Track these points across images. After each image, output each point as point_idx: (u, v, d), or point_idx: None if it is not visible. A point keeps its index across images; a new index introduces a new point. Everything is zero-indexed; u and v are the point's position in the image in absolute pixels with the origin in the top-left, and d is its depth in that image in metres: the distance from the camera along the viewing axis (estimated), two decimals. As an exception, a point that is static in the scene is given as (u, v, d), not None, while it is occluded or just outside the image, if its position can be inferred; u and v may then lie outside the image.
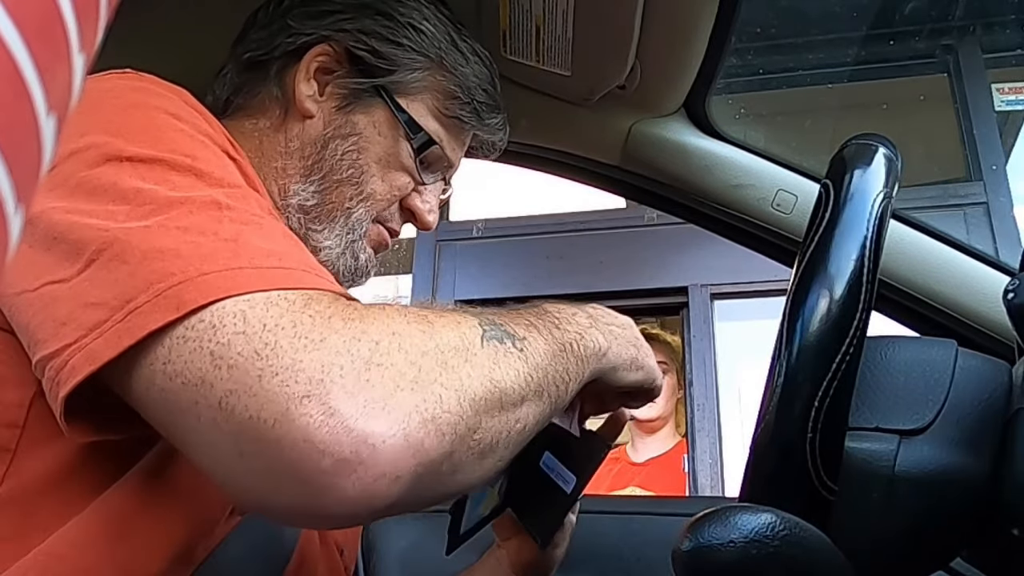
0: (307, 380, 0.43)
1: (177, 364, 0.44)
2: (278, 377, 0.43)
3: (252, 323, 0.45)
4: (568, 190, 2.97)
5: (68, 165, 0.52)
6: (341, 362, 0.44)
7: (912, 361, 0.55)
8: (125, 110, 0.56)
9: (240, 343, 0.44)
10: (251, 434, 0.43)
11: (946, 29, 3.51)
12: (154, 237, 0.47)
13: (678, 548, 0.47)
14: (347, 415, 0.43)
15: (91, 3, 0.19)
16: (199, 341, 0.44)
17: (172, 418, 0.46)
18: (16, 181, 0.17)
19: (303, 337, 0.44)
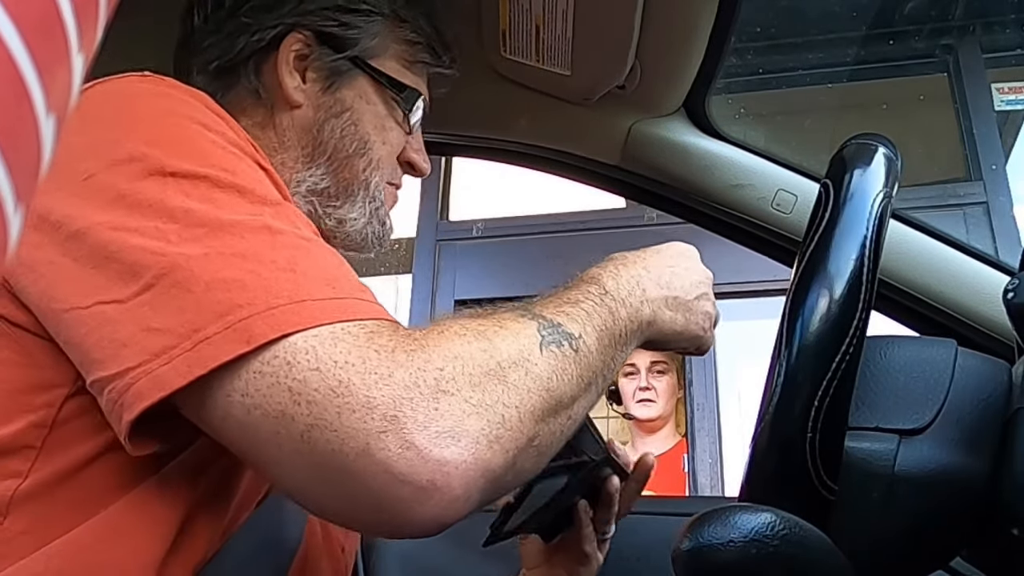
0: (382, 416, 0.46)
1: (255, 397, 0.47)
2: (356, 414, 0.46)
3: (324, 360, 0.47)
4: (568, 190, 2.97)
5: (108, 176, 0.53)
6: (411, 395, 0.47)
7: (912, 361, 0.55)
8: (160, 119, 0.57)
9: (316, 380, 0.47)
10: (334, 465, 0.46)
11: (946, 29, 3.51)
12: (215, 265, 0.49)
13: (678, 548, 0.47)
14: (422, 447, 0.46)
15: (90, 3, 0.19)
16: (276, 376, 0.47)
17: (252, 446, 0.49)
18: (16, 181, 0.17)
19: (372, 373, 0.47)
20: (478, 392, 0.49)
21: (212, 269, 0.49)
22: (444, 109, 1.10)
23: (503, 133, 1.13)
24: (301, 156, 0.77)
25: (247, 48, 0.76)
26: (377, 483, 0.46)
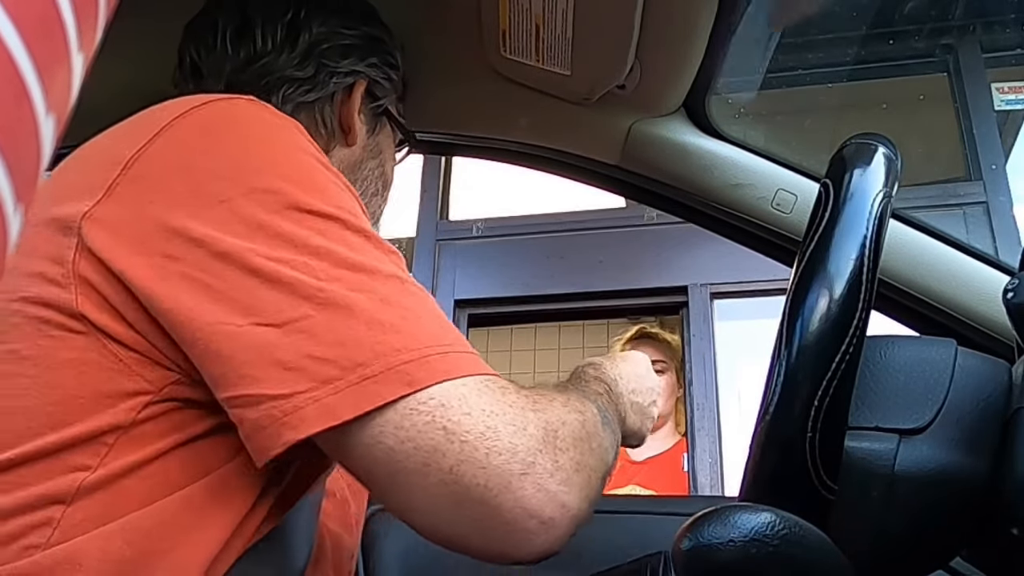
0: (521, 461, 0.54)
1: (410, 431, 0.53)
2: (501, 456, 0.54)
3: (473, 406, 0.54)
4: (568, 189, 2.97)
5: (246, 203, 0.57)
6: (540, 447, 0.56)
7: (912, 360, 0.55)
8: (288, 154, 0.62)
9: (468, 423, 0.54)
10: (475, 497, 0.54)
11: (946, 28, 3.51)
12: (368, 306, 0.55)
13: (678, 547, 0.47)
14: (550, 490, 0.55)
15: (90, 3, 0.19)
16: (431, 415, 0.53)
17: (395, 475, 0.55)
18: (16, 182, 0.17)
19: (512, 424, 0.55)
20: (578, 452, 0.59)
21: (367, 309, 0.55)
22: (444, 109, 1.10)
23: (503, 133, 1.13)
24: None
25: (328, 88, 0.84)
26: (511, 516, 0.54)
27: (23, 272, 0.58)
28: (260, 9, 0.83)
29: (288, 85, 0.82)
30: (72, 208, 0.58)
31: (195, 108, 0.62)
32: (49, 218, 0.59)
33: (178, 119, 0.61)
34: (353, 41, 0.86)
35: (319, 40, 0.83)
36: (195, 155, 0.59)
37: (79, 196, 0.59)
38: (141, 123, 0.63)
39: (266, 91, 0.81)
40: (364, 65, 0.86)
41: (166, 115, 0.62)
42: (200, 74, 0.83)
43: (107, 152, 0.62)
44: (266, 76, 0.82)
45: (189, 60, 0.84)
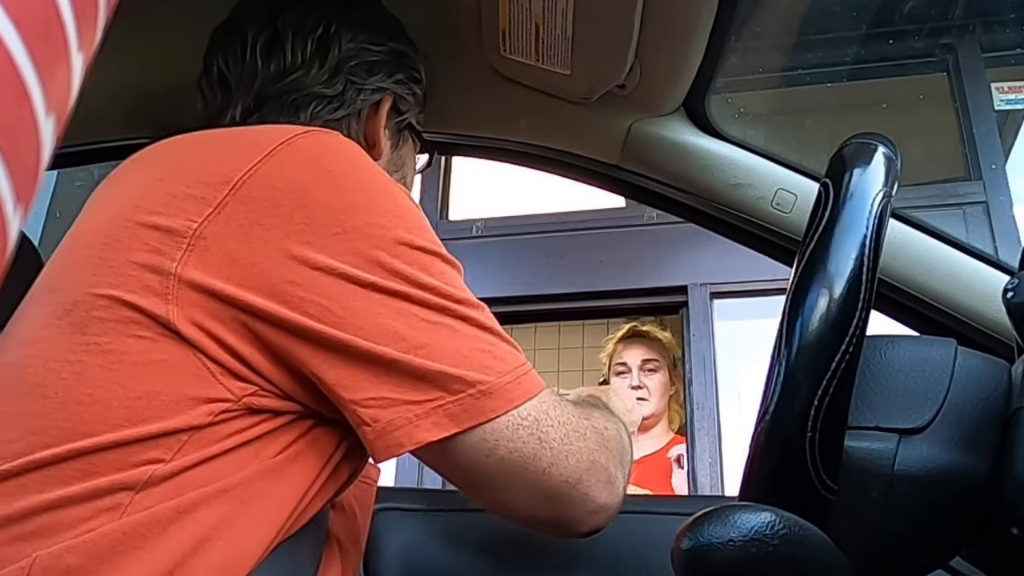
0: (589, 460, 0.69)
1: (517, 443, 0.65)
2: (575, 457, 0.68)
3: (554, 419, 0.67)
4: (568, 189, 2.97)
5: (359, 237, 0.63)
6: (597, 448, 0.70)
7: (911, 360, 0.55)
8: (385, 188, 0.67)
9: (554, 433, 0.66)
10: (560, 491, 0.67)
11: (945, 28, 3.51)
12: (472, 334, 0.65)
13: (677, 547, 0.47)
14: (609, 482, 0.70)
15: (90, 4, 0.19)
16: (530, 429, 0.65)
17: (500, 476, 0.66)
18: (16, 182, 0.17)
19: (576, 431, 0.69)
20: (616, 453, 0.73)
21: (471, 336, 0.65)
22: (444, 109, 1.10)
23: (503, 132, 1.13)
24: None
25: (356, 105, 0.85)
26: (582, 502, 0.68)
27: (113, 267, 0.61)
28: (290, 22, 0.83)
29: (317, 102, 0.82)
30: (178, 221, 0.62)
31: (298, 136, 0.67)
32: (149, 223, 0.62)
33: (283, 145, 0.65)
34: (380, 57, 0.86)
35: (348, 56, 0.84)
36: (307, 184, 0.64)
37: (184, 209, 0.62)
38: (243, 143, 0.67)
39: (294, 107, 0.82)
40: (391, 81, 0.87)
41: (268, 140, 0.66)
42: (228, 85, 0.83)
43: (211, 168, 0.65)
44: (295, 92, 0.82)
45: (217, 70, 0.84)
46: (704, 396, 3.08)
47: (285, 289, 0.61)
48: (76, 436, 0.58)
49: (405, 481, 3.10)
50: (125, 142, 1.20)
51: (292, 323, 0.61)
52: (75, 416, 0.59)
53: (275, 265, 0.61)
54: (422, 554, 0.97)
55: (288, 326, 0.61)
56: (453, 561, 0.96)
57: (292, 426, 0.64)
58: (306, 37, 0.83)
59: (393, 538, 0.99)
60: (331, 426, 0.66)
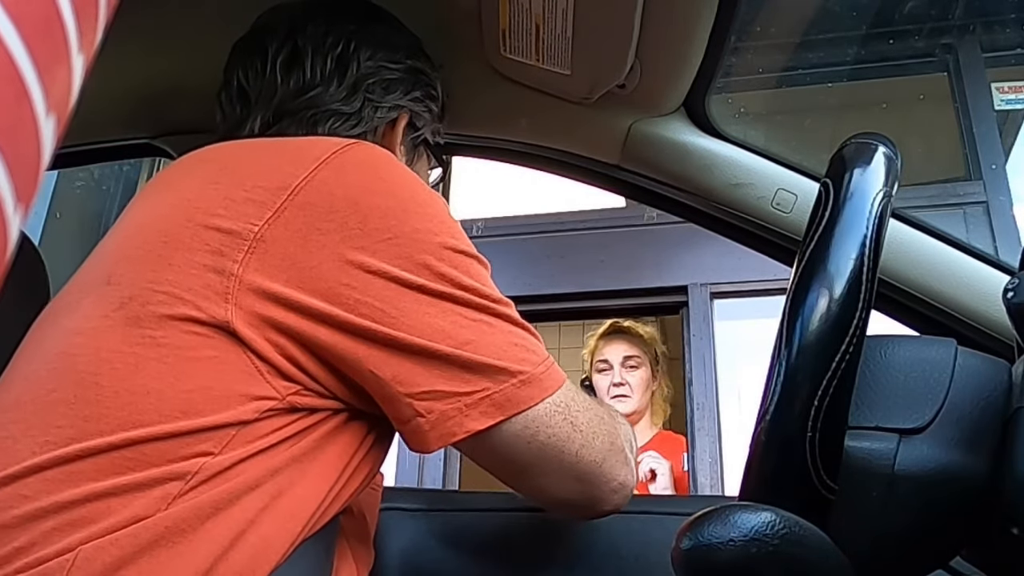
0: (610, 443, 0.74)
1: (553, 428, 0.69)
2: (599, 439, 0.73)
3: (581, 406, 0.72)
4: (568, 189, 2.97)
5: (409, 243, 0.66)
6: (614, 431, 0.76)
7: (912, 360, 0.55)
8: (427, 196, 0.71)
9: (582, 418, 0.72)
10: (589, 471, 0.73)
11: (946, 28, 3.51)
12: (508, 329, 0.69)
13: (678, 547, 0.47)
14: (626, 461, 0.76)
15: (90, 4, 0.19)
16: (563, 415, 0.70)
17: (537, 461, 0.70)
18: (16, 182, 0.17)
19: (596, 416, 0.74)
20: (625, 436, 0.80)
21: (508, 332, 0.69)
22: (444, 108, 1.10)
23: (503, 132, 1.13)
24: None
25: (373, 122, 0.86)
26: (607, 482, 0.74)
27: (174, 264, 0.64)
28: (310, 39, 0.85)
29: (335, 119, 0.84)
30: (239, 223, 0.64)
31: (349, 147, 0.70)
32: (210, 224, 0.65)
33: (337, 154, 0.68)
34: (398, 75, 0.88)
35: (366, 74, 0.85)
36: (361, 192, 0.67)
37: (244, 212, 0.65)
38: (298, 151, 0.70)
39: (312, 122, 0.83)
40: (407, 99, 0.88)
41: (322, 149, 0.69)
42: (247, 98, 0.85)
43: (268, 174, 0.67)
44: (313, 108, 0.83)
45: (237, 83, 0.86)
46: (704, 396, 3.08)
47: (341, 292, 0.64)
48: (131, 425, 0.60)
49: (405, 481, 3.10)
50: (125, 142, 1.20)
51: (349, 323, 0.64)
52: (130, 406, 0.60)
53: (332, 269, 0.64)
54: (422, 554, 0.98)
55: (346, 327, 0.64)
56: (453, 561, 0.96)
57: (324, 423, 0.67)
58: (326, 54, 0.84)
59: (393, 538, 0.99)
60: (358, 421, 0.69)
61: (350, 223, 0.65)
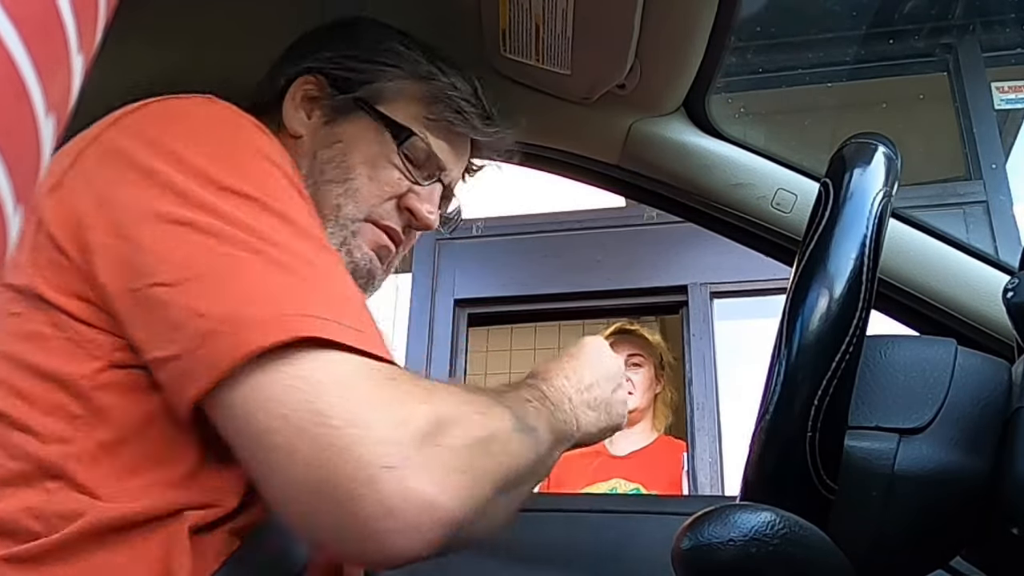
0: (389, 455, 0.52)
1: (283, 408, 0.53)
2: (366, 448, 0.52)
3: (350, 391, 0.54)
4: (568, 189, 2.97)
5: (173, 178, 0.60)
6: (419, 442, 0.54)
7: (912, 360, 0.55)
8: (227, 143, 0.65)
9: (340, 408, 0.53)
10: (335, 488, 0.51)
11: (946, 28, 3.51)
12: (264, 270, 0.57)
13: (678, 547, 0.47)
14: (417, 489, 0.52)
15: (90, 4, 0.19)
16: (307, 395, 0.53)
17: (261, 451, 0.54)
18: (15, 182, 0.17)
19: (390, 416, 0.54)
20: (467, 453, 0.56)
21: (261, 271, 0.57)
22: (444, 108, 1.10)
23: (503, 132, 1.13)
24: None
25: (272, 89, 0.87)
26: (369, 512, 0.51)
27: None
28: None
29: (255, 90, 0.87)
30: (49, 180, 0.62)
31: (146, 104, 0.66)
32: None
33: (126, 115, 0.66)
34: (313, 48, 0.89)
35: (284, 56, 0.89)
36: (136, 143, 0.63)
37: (53, 168, 0.63)
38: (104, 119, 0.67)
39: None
40: (316, 61, 0.87)
41: (117, 113, 0.66)
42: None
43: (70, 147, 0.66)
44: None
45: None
46: (704, 396, 3.08)
47: (94, 239, 0.60)
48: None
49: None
50: (125, 142, 1.20)
51: (98, 277, 0.60)
52: None
53: (91, 213, 0.61)
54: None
55: (96, 280, 0.60)
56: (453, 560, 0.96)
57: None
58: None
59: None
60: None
61: (120, 164, 0.62)
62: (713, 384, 3.10)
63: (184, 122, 0.65)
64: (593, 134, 1.08)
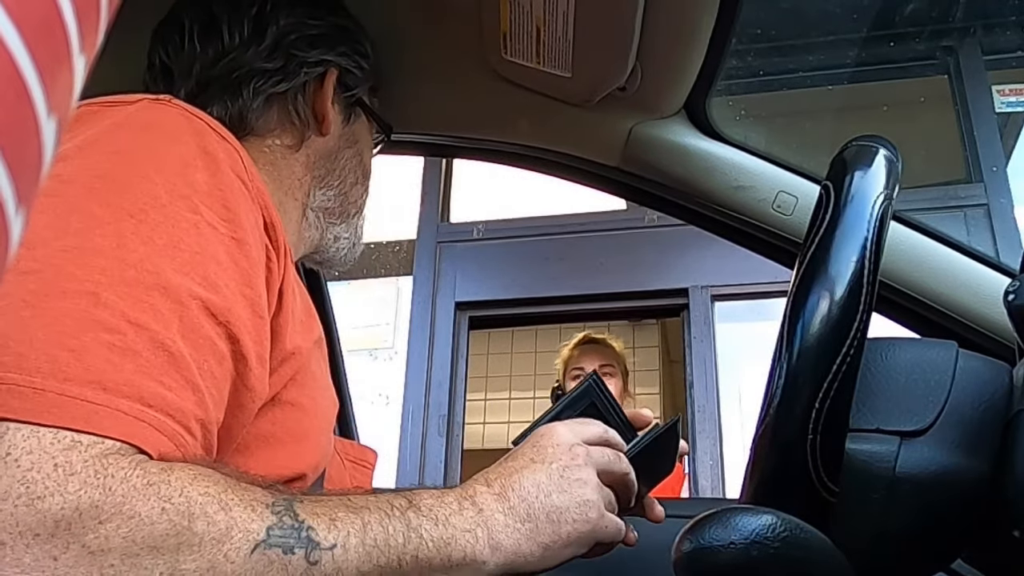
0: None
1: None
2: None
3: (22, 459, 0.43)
4: (568, 192, 2.97)
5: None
6: (34, 531, 0.42)
7: (913, 362, 0.55)
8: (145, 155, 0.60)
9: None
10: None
11: (946, 31, 3.51)
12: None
13: (679, 549, 0.47)
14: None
15: (92, 4, 0.19)
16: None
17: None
18: (17, 184, 0.17)
19: (25, 493, 0.43)
20: (127, 565, 0.43)
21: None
22: (445, 111, 1.10)
23: (504, 135, 1.13)
24: (316, 176, 0.86)
25: (302, 77, 0.84)
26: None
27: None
28: (225, 6, 0.84)
29: (259, 77, 0.82)
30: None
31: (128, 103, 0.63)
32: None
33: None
34: (321, 31, 0.86)
35: (286, 31, 0.84)
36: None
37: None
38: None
39: (236, 85, 0.82)
40: (334, 54, 0.86)
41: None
42: (171, 74, 0.84)
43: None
44: (236, 71, 0.82)
45: (159, 62, 0.85)
46: (705, 399, 3.08)
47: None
48: None
49: (406, 482, 3.10)
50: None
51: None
52: None
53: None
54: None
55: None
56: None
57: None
58: (242, 17, 0.83)
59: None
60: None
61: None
62: (714, 387, 3.10)
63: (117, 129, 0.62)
64: (594, 137, 1.08)
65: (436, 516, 0.55)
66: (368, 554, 0.51)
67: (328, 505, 0.52)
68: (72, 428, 0.45)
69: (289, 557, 0.48)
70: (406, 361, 3.31)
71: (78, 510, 0.43)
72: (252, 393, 0.59)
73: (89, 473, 0.44)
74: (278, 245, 0.65)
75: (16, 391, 0.45)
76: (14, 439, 0.43)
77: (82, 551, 0.43)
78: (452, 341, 3.31)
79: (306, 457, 0.68)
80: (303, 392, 0.68)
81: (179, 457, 0.50)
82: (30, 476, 0.42)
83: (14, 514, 0.41)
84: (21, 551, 0.41)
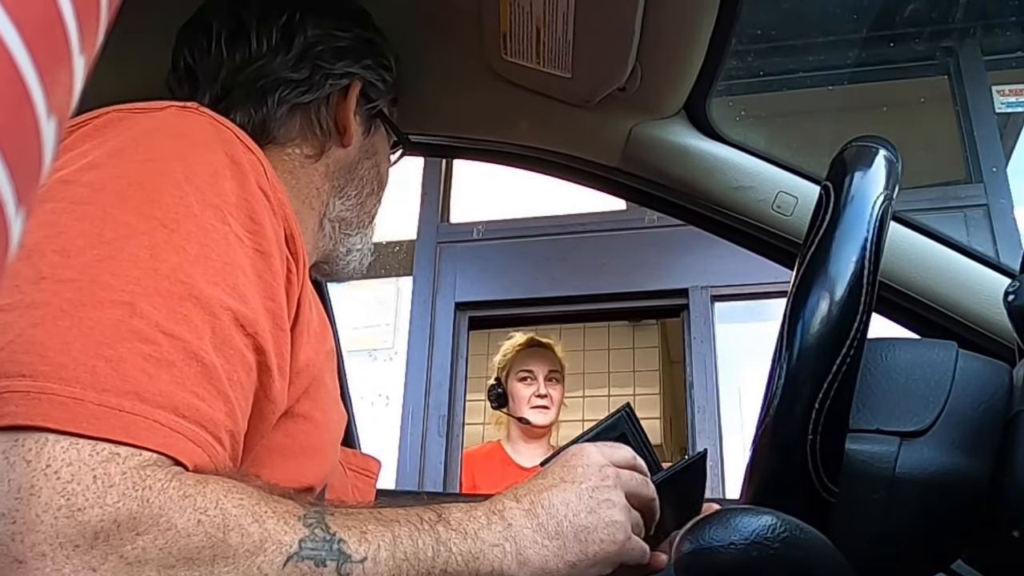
0: (24, 546, 0.42)
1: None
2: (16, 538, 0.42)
3: (48, 476, 0.43)
4: (568, 192, 2.97)
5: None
6: (74, 542, 0.42)
7: (913, 363, 0.55)
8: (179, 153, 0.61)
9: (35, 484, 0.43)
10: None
11: (946, 31, 3.51)
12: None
13: (679, 550, 0.47)
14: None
15: (92, 5, 0.19)
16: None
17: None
18: (17, 184, 0.17)
19: (61, 506, 0.43)
20: (159, 570, 0.44)
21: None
22: (445, 112, 1.10)
23: (504, 135, 1.13)
24: (335, 186, 0.87)
25: (327, 89, 0.85)
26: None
27: None
28: (255, 12, 0.84)
29: (284, 87, 0.82)
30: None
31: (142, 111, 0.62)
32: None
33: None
34: (347, 43, 0.86)
35: (314, 42, 0.84)
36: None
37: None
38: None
39: (261, 93, 0.82)
40: (359, 67, 0.87)
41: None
42: (195, 77, 0.84)
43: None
44: (262, 79, 0.82)
45: (184, 64, 0.85)
46: (705, 399, 3.08)
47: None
48: None
49: (406, 484, 3.10)
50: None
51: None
52: None
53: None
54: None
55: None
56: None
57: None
58: (271, 25, 0.83)
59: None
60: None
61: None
62: (714, 387, 3.10)
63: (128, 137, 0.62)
64: (594, 137, 1.08)
65: (465, 530, 0.56)
66: (398, 567, 0.51)
67: (359, 518, 0.52)
68: (110, 439, 0.45)
69: (321, 570, 0.48)
70: (406, 361, 3.31)
71: (116, 522, 0.44)
72: (273, 405, 0.60)
73: (127, 485, 0.45)
74: (297, 257, 0.64)
75: (57, 401, 0.45)
76: (53, 451, 0.44)
77: (120, 562, 0.43)
78: (452, 341, 3.31)
79: (315, 470, 0.69)
80: (316, 406, 0.68)
81: (212, 468, 0.50)
82: (70, 488, 0.43)
83: (55, 525, 0.42)
84: (62, 562, 0.42)
